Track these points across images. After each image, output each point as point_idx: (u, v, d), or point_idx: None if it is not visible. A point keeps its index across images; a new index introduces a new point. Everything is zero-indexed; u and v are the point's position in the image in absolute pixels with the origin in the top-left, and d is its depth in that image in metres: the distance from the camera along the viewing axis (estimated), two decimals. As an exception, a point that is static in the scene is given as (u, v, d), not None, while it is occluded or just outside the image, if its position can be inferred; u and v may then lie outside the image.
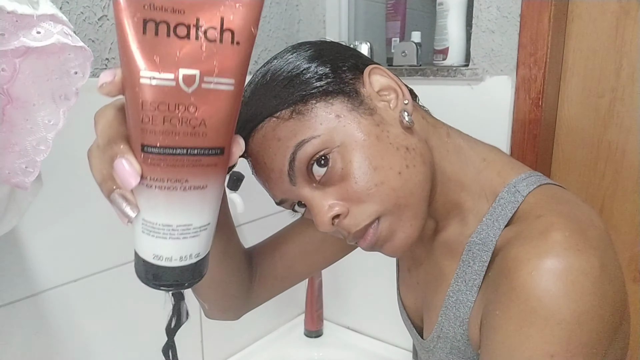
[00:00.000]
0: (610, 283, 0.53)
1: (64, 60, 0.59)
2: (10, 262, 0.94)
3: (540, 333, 0.52)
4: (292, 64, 0.62)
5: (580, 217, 0.57)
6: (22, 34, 0.55)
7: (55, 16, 0.56)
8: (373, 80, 0.63)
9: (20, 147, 0.60)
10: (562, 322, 0.51)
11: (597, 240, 0.55)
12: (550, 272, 0.52)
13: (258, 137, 0.63)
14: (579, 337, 0.51)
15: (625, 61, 1.16)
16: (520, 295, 0.53)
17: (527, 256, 0.54)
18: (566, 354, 0.51)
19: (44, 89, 0.59)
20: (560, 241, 0.53)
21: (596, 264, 0.52)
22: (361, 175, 0.58)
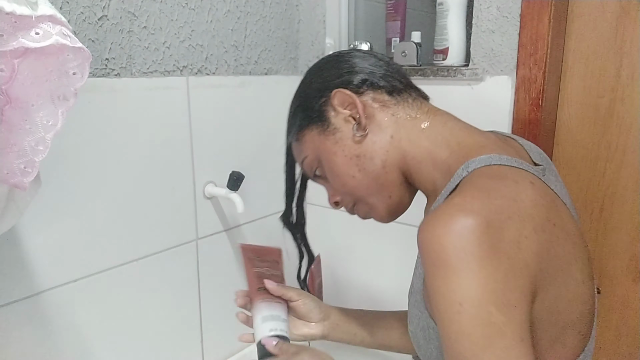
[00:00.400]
0: (502, 243, 0.59)
1: (62, 60, 0.59)
2: (9, 263, 0.94)
3: (445, 284, 0.59)
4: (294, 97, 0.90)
5: (494, 189, 0.64)
6: (21, 35, 0.55)
7: (54, 17, 0.56)
8: (335, 102, 0.82)
9: (18, 148, 0.60)
10: (455, 269, 0.58)
11: (499, 208, 0.61)
12: (444, 228, 0.60)
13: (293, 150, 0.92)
14: (477, 283, 0.57)
15: (625, 61, 1.16)
16: (424, 253, 0.62)
17: (429, 219, 0.62)
18: (472, 300, 0.58)
19: (42, 89, 0.59)
20: (458, 203, 0.62)
21: (484, 223, 0.59)
22: (332, 180, 0.85)
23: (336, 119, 0.82)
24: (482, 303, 0.58)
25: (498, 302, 0.58)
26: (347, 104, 0.81)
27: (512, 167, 0.70)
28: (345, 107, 0.81)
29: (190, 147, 1.24)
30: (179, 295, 1.27)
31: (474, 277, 0.58)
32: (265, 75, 1.43)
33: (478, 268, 0.58)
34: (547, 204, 0.66)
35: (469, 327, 0.58)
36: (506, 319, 0.58)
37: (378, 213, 0.85)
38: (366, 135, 0.80)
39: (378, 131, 0.80)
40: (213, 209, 1.32)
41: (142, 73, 1.13)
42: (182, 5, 1.19)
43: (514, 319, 0.58)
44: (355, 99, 0.80)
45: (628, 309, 1.26)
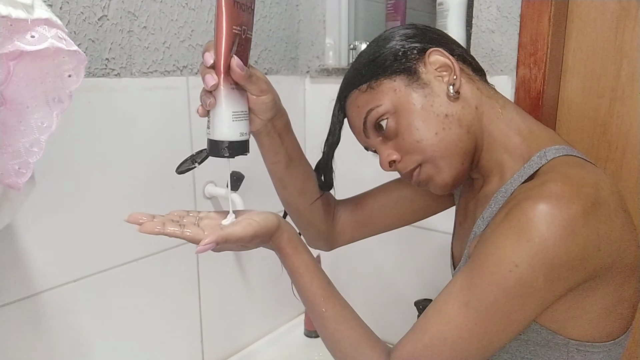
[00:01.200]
0: (586, 228, 0.65)
1: (58, 63, 0.59)
2: (10, 263, 0.95)
3: (512, 245, 0.67)
4: (381, 43, 0.84)
5: (581, 177, 0.70)
6: (17, 38, 0.55)
7: (49, 20, 0.57)
8: (432, 60, 0.81)
9: (13, 149, 0.61)
10: (530, 241, 0.65)
11: (587, 195, 0.67)
12: (537, 208, 0.66)
13: (348, 103, 0.87)
14: (542, 258, 0.65)
15: (625, 61, 1.15)
16: (510, 219, 0.68)
17: (525, 197, 0.69)
18: (528, 268, 0.65)
19: (37, 91, 0.59)
20: (552, 188, 0.67)
21: (574, 210, 0.65)
22: (406, 134, 0.80)
23: (427, 75, 0.81)
24: (536, 271, 0.66)
25: (550, 274, 0.66)
26: (441, 65, 0.81)
27: (584, 159, 0.77)
28: (437, 68, 0.81)
29: (190, 147, 1.24)
30: (179, 295, 1.27)
31: (542, 252, 0.65)
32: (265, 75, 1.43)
33: (551, 247, 0.65)
34: (618, 192, 0.73)
35: (511, 284, 0.67)
36: (546, 287, 0.67)
37: (444, 178, 0.82)
38: (457, 98, 0.81)
39: (465, 99, 0.81)
40: (213, 209, 1.32)
41: (142, 73, 1.13)
42: (182, 5, 1.19)
43: (552, 289, 0.67)
44: (453, 61, 0.81)
45: (628, 310, 1.25)
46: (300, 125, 1.55)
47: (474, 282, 0.70)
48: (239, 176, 1.26)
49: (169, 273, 1.23)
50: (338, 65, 1.50)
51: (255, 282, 1.47)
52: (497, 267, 0.68)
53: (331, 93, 1.48)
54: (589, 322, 0.73)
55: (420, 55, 0.82)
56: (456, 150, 0.80)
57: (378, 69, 0.82)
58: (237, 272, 1.42)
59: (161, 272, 1.21)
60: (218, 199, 1.32)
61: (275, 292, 1.52)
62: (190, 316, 1.32)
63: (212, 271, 1.34)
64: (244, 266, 1.43)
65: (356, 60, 0.88)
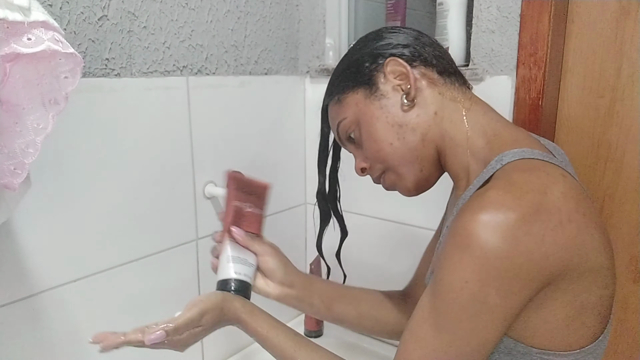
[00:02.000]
0: (528, 236, 0.64)
1: (54, 65, 0.59)
2: (8, 263, 0.95)
3: (459, 262, 0.66)
4: (350, 56, 0.90)
5: (526, 182, 0.68)
6: (13, 40, 0.55)
7: (46, 23, 0.57)
8: (389, 70, 0.84)
9: (9, 150, 0.61)
10: (473, 255, 0.65)
11: (529, 201, 0.65)
12: (475, 220, 0.65)
13: (329, 114, 0.93)
14: (487, 271, 0.64)
15: (625, 61, 1.15)
16: (452, 234, 0.68)
17: (465, 207, 0.69)
18: (477, 283, 0.65)
19: (34, 93, 0.59)
20: (492, 197, 0.67)
21: (513, 218, 0.64)
22: (367, 145, 0.86)
23: (385, 86, 0.84)
24: (485, 286, 0.65)
25: (501, 288, 0.65)
26: (399, 74, 0.84)
27: (543, 161, 0.74)
28: (396, 77, 0.84)
29: (190, 147, 1.24)
30: (179, 295, 1.27)
31: (487, 266, 0.65)
32: (265, 75, 1.43)
33: (494, 260, 0.64)
34: (576, 196, 0.70)
35: (464, 301, 0.66)
36: (500, 302, 0.66)
37: (405, 184, 0.87)
38: (412, 107, 0.83)
39: (423, 105, 0.83)
40: (213, 209, 1.32)
41: (142, 73, 1.13)
42: (182, 5, 1.19)
43: (507, 303, 0.66)
44: (408, 69, 0.83)
45: (628, 309, 1.25)
46: (300, 125, 1.55)
47: (437, 303, 0.70)
48: (239, 176, 1.27)
49: (169, 273, 1.24)
50: (338, 65, 1.50)
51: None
52: (450, 286, 0.68)
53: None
54: (549, 331, 0.72)
55: (380, 65, 0.85)
56: (413, 158, 0.84)
57: (345, 81, 0.88)
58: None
59: (161, 272, 1.22)
60: (218, 199, 1.32)
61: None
62: (191, 316, 1.32)
63: (212, 271, 1.34)
64: (244, 266, 1.43)
65: (333, 71, 0.92)
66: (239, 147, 1.36)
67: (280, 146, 1.48)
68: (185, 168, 1.24)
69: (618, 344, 1.28)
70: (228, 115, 1.32)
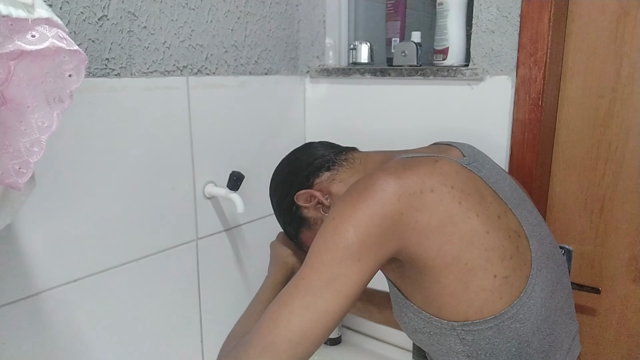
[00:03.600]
0: (383, 192, 0.79)
1: (58, 62, 0.59)
2: (9, 263, 0.95)
3: (332, 207, 0.85)
4: (276, 209, 1.12)
5: (399, 164, 0.85)
6: (17, 38, 0.55)
7: (50, 20, 0.57)
8: (302, 202, 1.03)
9: (13, 149, 0.61)
10: (343, 201, 0.82)
11: (393, 171, 0.82)
12: (359, 181, 0.85)
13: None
14: (354, 210, 0.79)
15: (625, 61, 1.16)
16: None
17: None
18: (342, 217, 0.79)
19: (38, 91, 0.59)
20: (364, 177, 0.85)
21: (378, 177, 0.81)
22: None
23: (310, 213, 1.04)
24: (345, 222, 0.79)
25: (358, 226, 0.78)
26: (309, 198, 1.02)
27: (421, 156, 0.90)
28: (310, 202, 1.02)
29: (190, 147, 1.24)
30: (179, 295, 1.27)
31: (349, 207, 0.80)
32: (265, 75, 1.43)
33: (356, 202, 0.79)
34: (446, 173, 0.84)
35: (327, 233, 0.80)
36: (357, 240, 0.78)
37: None
38: (332, 202, 1.01)
39: (337, 193, 1.00)
40: (213, 209, 1.32)
41: (142, 73, 1.13)
42: (182, 5, 1.19)
43: (363, 243, 0.78)
44: (311, 192, 1.01)
45: (628, 309, 1.25)
46: (300, 125, 1.55)
47: (301, 272, 0.82)
48: (239, 176, 1.26)
49: (169, 273, 1.23)
50: (338, 65, 1.50)
51: (255, 282, 1.47)
52: (324, 226, 0.81)
53: (331, 93, 1.49)
54: (454, 299, 0.81)
55: (295, 206, 1.04)
56: None
57: (291, 232, 1.10)
58: (237, 272, 1.42)
59: (161, 272, 1.21)
60: (218, 199, 1.32)
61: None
62: (190, 316, 1.32)
63: (212, 271, 1.34)
64: (244, 266, 1.43)
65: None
66: (239, 147, 1.36)
67: (280, 146, 1.48)
68: (185, 168, 1.24)
69: (618, 344, 1.28)
70: (228, 115, 1.32)
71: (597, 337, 1.31)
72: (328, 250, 0.78)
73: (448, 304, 0.82)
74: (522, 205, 0.93)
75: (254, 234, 1.43)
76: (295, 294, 0.79)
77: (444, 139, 1.07)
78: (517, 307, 0.82)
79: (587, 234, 1.27)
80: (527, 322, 0.83)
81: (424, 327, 0.88)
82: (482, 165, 0.93)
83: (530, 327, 0.83)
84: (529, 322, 0.83)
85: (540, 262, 0.86)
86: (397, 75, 1.35)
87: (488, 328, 0.82)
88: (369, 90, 1.41)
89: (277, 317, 0.79)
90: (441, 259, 0.80)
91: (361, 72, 1.41)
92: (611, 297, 1.27)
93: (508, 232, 0.84)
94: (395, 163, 0.86)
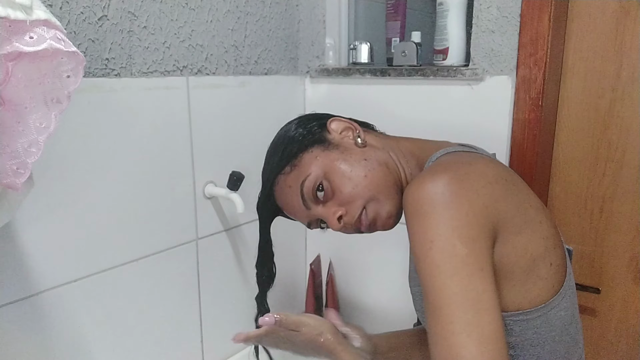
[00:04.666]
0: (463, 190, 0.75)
1: (56, 64, 0.59)
2: (8, 263, 0.95)
3: (419, 227, 0.75)
4: (282, 136, 0.97)
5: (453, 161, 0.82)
6: (15, 39, 0.55)
7: (48, 21, 0.57)
8: (333, 127, 0.95)
9: (11, 149, 0.61)
10: (427, 215, 0.74)
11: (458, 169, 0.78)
12: (418, 189, 0.76)
13: (277, 190, 0.95)
14: (444, 222, 0.72)
15: (625, 61, 1.16)
16: (405, 210, 0.79)
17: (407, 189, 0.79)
18: (440, 237, 0.72)
19: (36, 92, 0.59)
20: (425, 173, 0.80)
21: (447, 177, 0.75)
22: (342, 187, 0.89)
23: (335, 139, 0.94)
24: (448, 238, 0.72)
25: (461, 236, 0.72)
26: (343, 129, 0.95)
27: (464, 152, 0.89)
28: (341, 132, 0.95)
29: (190, 147, 1.24)
30: (179, 295, 1.27)
31: (440, 219, 0.73)
32: (265, 75, 1.43)
33: (443, 211, 0.73)
34: (497, 166, 0.83)
35: (438, 259, 0.72)
36: (468, 251, 0.71)
37: (388, 210, 0.91)
38: (366, 145, 0.93)
39: (372, 145, 0.94)
40: (213, 209, 1.32)
41: (142, 73, 1.13)
42: (182, 5, 1.19)
43: (474, 251, 0.72)
44: (351, 122, 0.95)
45: (628, 309, 1.25)
46: (300, 125, 1.56)
47: (425, 290, 0.74)
48: (239, 176, 1.27)
49: (169, 273, 1.23)
50: (338, 65, 1.50)
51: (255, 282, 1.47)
52: (422, 251, 0.74)
53: (331, 93, 1.49)
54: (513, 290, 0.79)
55: (321, 128, 0.95)
56: (387, 183, 0.91)
57: (293, 149, 0.94)
58: (237, 272, 1.42)
59: (161, 272, 1.22)
60: (218, 199, 1.32)
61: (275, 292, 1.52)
62: (190, 316, 1.32)
63: (212, 271, 1.34)
64: (244, 266, 1.43)
65: (268, 155, 1.00)
66: (239, 147, 1.36)
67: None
68: (185, 168, 1.24)
69: (618, 344, 1.28)
70: (228, 115, 1.32)
71: (597, 337, 1.31)
72: (450, 278, 0.71)
73: (506, 297, 0.79)
74: None
75: (254, 234, 1.42)
76: (456, 340, 0.69)
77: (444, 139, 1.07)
78: (562, 294, 0.83)
79: (587, 234, 1.27)
80: (568, 310, 0.84)
81: None
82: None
83: (569, 316, 0.85)
84: (569, 310, 0.84)
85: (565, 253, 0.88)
86: (397, 75, 1.35)
87: (537, 317, 0.81)
88: (369, 90, 1.41)
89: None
90: (514, 251, 0.78)
91: (361, 72, 1.41)
92: (611, 297, 1.27)
93: (552, 222, 0.85)
94: (447, 161, 0.84)
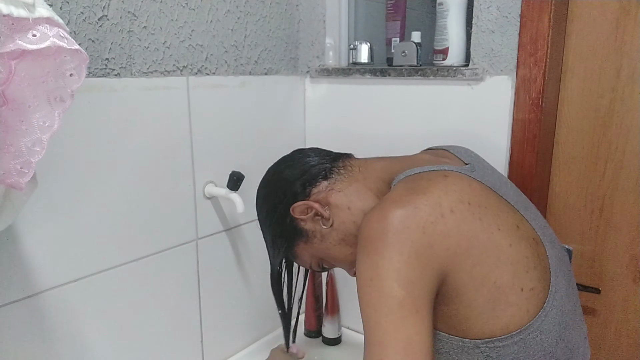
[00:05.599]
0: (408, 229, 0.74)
1: (59, 62, 0.59)
2: (9, 263, 0.95)
3: (361, 262, 0.76)
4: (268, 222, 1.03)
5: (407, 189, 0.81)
6: (18, 37, 0.55)
7: (51, 19, 0.57)
8: (297, 215, 0.97)
9: (15, 148, 0.61)
10: (369, 252, 0.75)
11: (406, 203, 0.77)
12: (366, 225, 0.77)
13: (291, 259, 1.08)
14: (382, 263, 0.73)
15: (625, 61, 1.16)
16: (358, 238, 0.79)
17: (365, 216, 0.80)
18: (378, 277, 0.73)
19: (39, 90, 0.59)
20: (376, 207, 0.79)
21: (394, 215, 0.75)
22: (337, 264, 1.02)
23: (307, 225, 0.97)
24: (386, 279, 0.73)
25: (400, 278, 0.72)
26: (306, 210, 0.96)
27: (428, 172, 0.86)
28: (307, 213, 0.96)
29: (190, 147, 1.24)
30: (179, 295, 1.27)
31: (381, 259, 0.73)
32: (265, 75, 1.43)
33: (385, 251, 0.73)
34: (460, 189, 0.81)
35: (374, 298, 0.73)
36: (405, 293, 0.72)
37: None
38: (333, 222, 0.95)
39: (338, 211, 0.95)
40: (213, 209, 1.32)
41: (142, 73, 1.13)
42: (182, 5, 1.19)
43: (412, 293, 0.72)
44: (309, 204, 0.95)
45: (628, 309, 1.26)
46: (300, 125, 1.55)
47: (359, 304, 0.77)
48: (239, 176, 1.26)
49: (169, 273, 1.23)
50: (338, 65, 1.50)
51: (255, 282, 1.47)
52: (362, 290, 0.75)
53: (331, 93, 1.49)
54: (481, 318, 0.78)
55: (292, 219, 0.98)
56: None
57: (284, 245, 1.01)
58: (237, 272, 1.42)
59: (161, 272, 1.21)
60: (218, 199, 1.32)
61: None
62: (190, 316, 1.32)
63: (212, 271, 1.34)
64: (244, 266, 1.43)
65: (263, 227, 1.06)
66: (239, 147, 1.36)
67: (280, 146, 1.48)
68: (185, 168, 1.24)
69: (618, 344, 1.28)
70: (228, 115, 1.32)
71: (597, 337, 1.31)
72: (384, 317, 0.72)
73: (474, 325, 0.79)
74: (529, 208, 0.92)
75: (254, 234, 1.43)
76: None
77: (444, 139, 1.07)
78: (542, 317, 0.80)
79: (587, 234, 1.27)
80: (550, 332, 0.81)
81: (441, 347, 0.85)
82: (484, 171, 0.91)
83: (554, 337, 0.82)
84: (552, 333, 0.81)
85: (556, 268, 0.84)
86: (397, 75, 1.35)
87: (514, 343, 0.79)
88: (369, 90, 1.41)
89: None
90: (472, 282, 0.77)
91: (361, 72, 1.41)
92: (611, 297, 1.27)
93: (528, 241, 0.82)
94: (403, 189, 0.81)
